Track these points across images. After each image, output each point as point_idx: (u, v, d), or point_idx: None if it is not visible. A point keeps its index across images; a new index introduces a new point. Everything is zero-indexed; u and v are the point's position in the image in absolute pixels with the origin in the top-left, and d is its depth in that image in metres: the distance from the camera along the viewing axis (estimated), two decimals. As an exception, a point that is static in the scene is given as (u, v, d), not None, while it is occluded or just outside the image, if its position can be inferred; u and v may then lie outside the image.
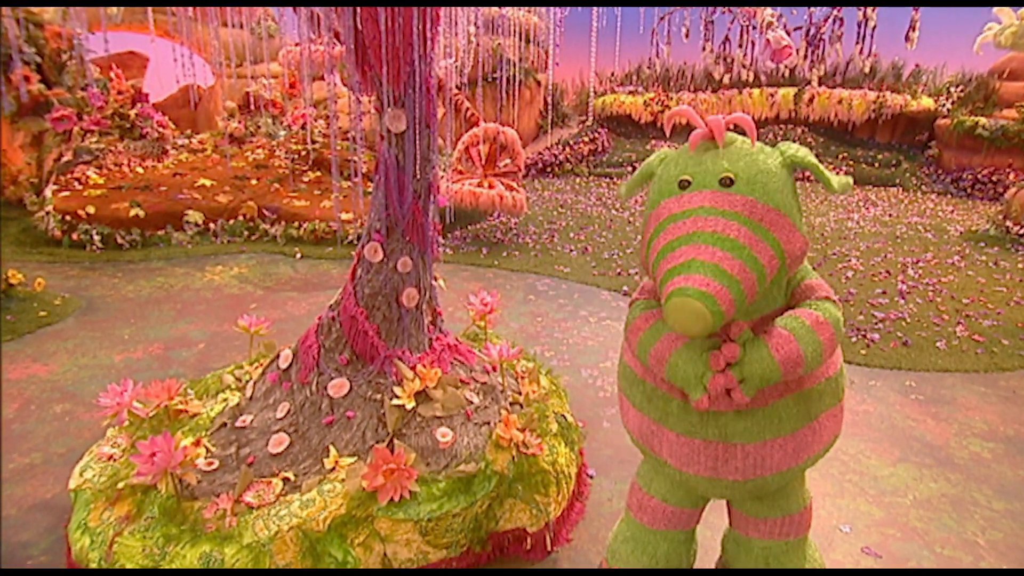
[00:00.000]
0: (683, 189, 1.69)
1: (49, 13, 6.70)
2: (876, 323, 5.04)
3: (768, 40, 2.80)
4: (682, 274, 1.53)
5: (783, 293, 1.79)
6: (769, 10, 2.90)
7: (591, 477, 2.89)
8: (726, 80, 14.15)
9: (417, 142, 2.40)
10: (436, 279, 2.75)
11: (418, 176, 2.46)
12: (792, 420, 1.79)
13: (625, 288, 5.74)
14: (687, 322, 1.50)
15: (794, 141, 11.93)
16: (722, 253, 1.54)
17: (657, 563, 2.12)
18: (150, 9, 8.83)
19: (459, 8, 2.75)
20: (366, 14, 2.15)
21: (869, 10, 7.15)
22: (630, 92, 15.21)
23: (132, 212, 6.68)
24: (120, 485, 2.17)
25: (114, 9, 8.42)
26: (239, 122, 9.39)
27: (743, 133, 1.74)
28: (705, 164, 1.69)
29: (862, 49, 7.97)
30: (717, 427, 1.78)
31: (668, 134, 2.29)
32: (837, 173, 2.19)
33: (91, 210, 6.60)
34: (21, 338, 4.24)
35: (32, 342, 4.19)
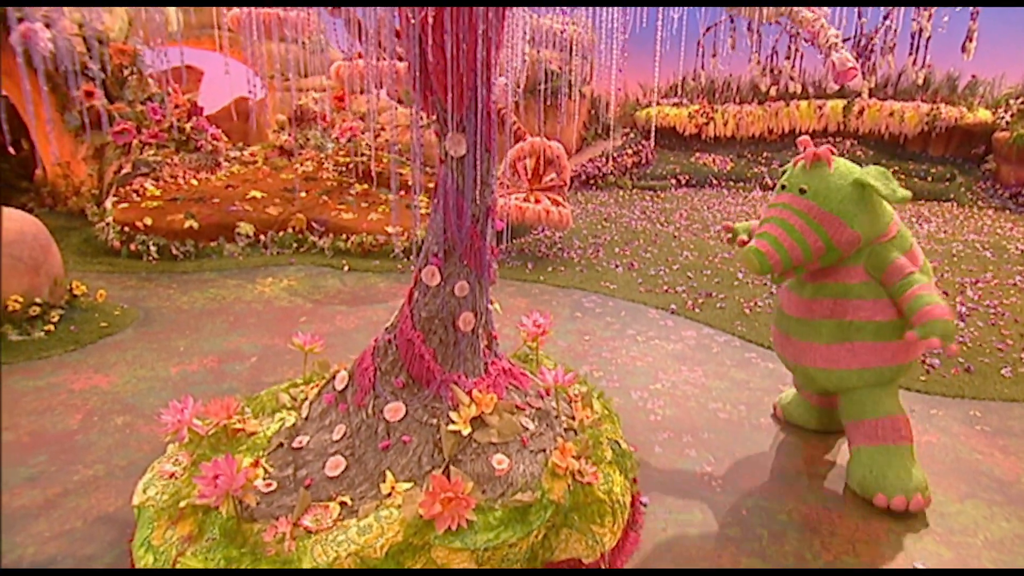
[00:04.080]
0: (783, 189, 2.89)
1: (115, 31, 6.95)
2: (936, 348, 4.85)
3: (833, 62, 2.75)
4: (756, 237, 2.81)
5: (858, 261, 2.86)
6: (833, 30, 2.85)
7: (644, 505, 2.84)
8: (772, 92, 13.92)
9: (477, 166, 2.40)
10: (491, 303, 2.74)
11: (477, 200, 2.46)
12: (828, 336, 2.92)
13: (673, 306, 5.65)
14: (745, 264, 2.75)
15: (843, 154, 11.63)
16: (780, 231, 2.76)
17: (803, 415, 3.51)
18: (216, 25, 9.09)
19: (517, 27, 2.75)
20: (433, 40, 2.16)
21: (924, 20, 6.93)
22: (675, 104, 15.07)
23: (187, 224, 6.85)
24: (182, 504, 2.20)
25: (175, 23, 8.68)
26: (289, 135, 9.58)
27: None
28: (795, 177, 2.85)
29: (915, 60, 7.74)
30: (786, 326, 3.13)
31: (804, 151, 3.00)
32: None
33: (148, 221, 6.78)
34: (84, 348, 4.38)
35: (94, 352, 4.32)
